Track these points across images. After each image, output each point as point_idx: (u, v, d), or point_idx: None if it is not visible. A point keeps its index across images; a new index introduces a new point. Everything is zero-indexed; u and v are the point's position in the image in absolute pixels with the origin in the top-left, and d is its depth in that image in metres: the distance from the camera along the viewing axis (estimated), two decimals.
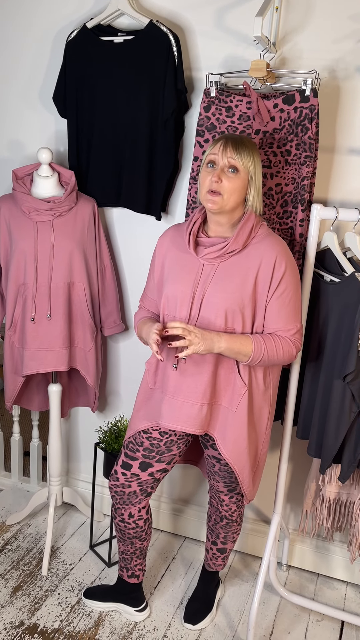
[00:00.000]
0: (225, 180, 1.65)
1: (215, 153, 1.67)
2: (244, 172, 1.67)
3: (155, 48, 1.99)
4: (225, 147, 1.65)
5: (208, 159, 1.69)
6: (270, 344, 1.68)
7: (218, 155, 1.66)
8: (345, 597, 2.30)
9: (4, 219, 2.15)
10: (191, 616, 2.12)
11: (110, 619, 2.12)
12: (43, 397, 2.47)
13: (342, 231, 2.02)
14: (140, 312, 1.93)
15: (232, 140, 1.66)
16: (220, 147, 1.66)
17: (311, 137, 1.84)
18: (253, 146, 1.70)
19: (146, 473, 1.88)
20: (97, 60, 2.08)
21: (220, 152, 1.66)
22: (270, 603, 2.24)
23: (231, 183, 1.65)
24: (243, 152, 1.66)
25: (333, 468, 1.99)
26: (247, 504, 2.39)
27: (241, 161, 1.65)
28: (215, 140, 1.69)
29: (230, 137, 1.68)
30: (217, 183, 1.64)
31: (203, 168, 1.70)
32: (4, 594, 2.19)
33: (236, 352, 1.66)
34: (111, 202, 2.24)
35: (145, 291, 1.93)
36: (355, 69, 1.91)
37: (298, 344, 1.74)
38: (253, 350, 1.66)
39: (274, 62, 1.97)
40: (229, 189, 1.65)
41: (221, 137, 1.70)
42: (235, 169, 1.66)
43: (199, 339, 1.62)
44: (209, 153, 1.69)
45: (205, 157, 1.70)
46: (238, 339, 1.67)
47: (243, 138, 1.70)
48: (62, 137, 2.32)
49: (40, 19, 2.23)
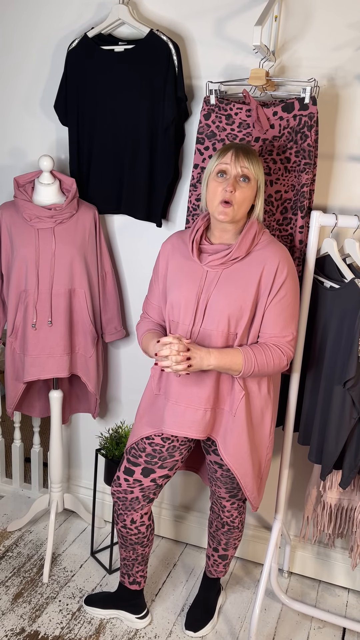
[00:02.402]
0: (238, 190, 1.66)
1: (226, 162, 1.66)
2: (254, 180, 1.68)
3: (155, 57, 2.01)
4: (237, 156, 1.65)
5: (218, 169, 1.67)
6: (261, 356, 1.68)
7: (230, 165, 1.66)
8: (347, 604, 2.30)
9: (6, 226, 2.16)
10: (192, 623, 2.11)
11: (112, 626, 2.11)
12: (44, 403, 2.47)
13: (342, 237, 2.03)
14: (143, 323, 1.91)
15: (242, 149, 1.66)
16: (231, 156, 1.65)
17: (310, 144, 1.85)
18: (256, 153, 1.71)
19: (148, 479, 1.88)
20: (97, 69, 2.10)
21: (232, 161, 1.65)
22: (272, 610, 2.24)
23: (243, 193, 1.66)
24: (253, 160, 1.67)
25: (334, 474, 1.99)
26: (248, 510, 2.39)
27: (253, 170, 1.66)
28: (223, 150, 1.68)
29: (239, 146, 1.68)
30: (231, 193, 1.65)
31: (212, 178, 1.69)
32: (5, 601, 2.18)
33: (226, 369, 1.66)
34: (112, 209, 2.26)
35: (149, 298, 1.92)
36: (354, 76, 1.92)
37: (290, 353, 1.73)
38: (243, 365, 1.66)
39: (273, 70, 1.98)
40: (240, 199, 1.66)
41: (229, 146, 1.69)
42: (247, 177, 1.66)
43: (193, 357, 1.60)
44: (219, 162, 1.67)
45: (214, 166, 1.68)
46: (228, 355, 1.66)
47: (248, 146, 1.70)
48: (63, 144, 2.34)
49: (41, 28, 2.25)
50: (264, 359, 1.68)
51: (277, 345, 1.71)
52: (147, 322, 1.91)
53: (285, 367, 1.74)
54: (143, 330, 1.88)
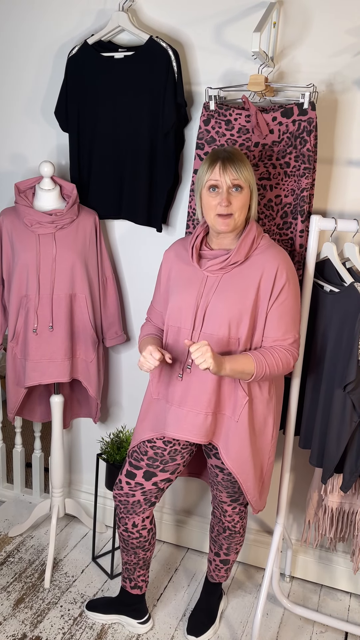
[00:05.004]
0: (233, 200, 1.67)
1: (216, 179, 1.67)
2: (246, 186, 1.70)
3: (155, 63, 2.02)
4: (224, 169, 1.66)
5: (209, 184, 1.69)
6: (270, 359, 1.69)
7: (220, 179, 1.67)
8: (349, 608, 2.29)
9: (7, 231, 2.17)
10: (194, 628, 2.11)
11: (113, 632, 2.11)
12: (45, 408, 2.48)
13: (342, 241, 2.04)
14: (146, 326, 1.95)
15: (229, 160, 1.67)
16: (219, 170, 1.67)
17: (310, 149, 1.86)
18: (243, 156, 1.72)
19: (150, 482, 1.89)
20: (98, 75, 2.11)
21: (221, 175, 1.67)
22: (274, 614, 2.23)
23: (238, 201, 1.68)
24: (241, 167, 1.68)
25: (335, 478, 1.99)
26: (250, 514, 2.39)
27: (243, 177, 1.68)
28: (210, 163, 1.68)
29: (225, 156, 1.68)
30: (227, 207, 1.67)
31: (205, 193, 1.70)
32: (7, 607, 2.18)
33: (240, 372, 1.67)
34: (112, 214, 2.27)
35: (152, 303, 1.96)
36: (352, 82, 1.93)
37: (295, 353, 1.75)
38: (255, 369, 1.67)
39: (272, 76, 2.00)
40: (238, 207, 1.69)
41: (214, 158, 1.69)
42: (239, 187, 1.68)
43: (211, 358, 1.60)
44: (208, 178, 1.68)
45: (204, 181, 1.70)
46: (240, 360, 1.67)
47: (234, 152, 1.70)
48: (63, 150, 2.35)
49: (42, 35, 2.27)
50: (272, 360, 1.69)
51: (281, 347, 1.73)
52: (149, 325, 1.94)
53: (292, 367, 1.76)
54: (145, 332, 1.92)
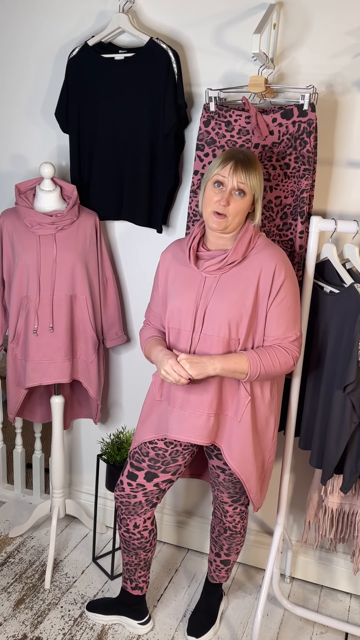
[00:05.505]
0: (232, 203, 1.67)
1: (224, 175, 1.67)
2: (250, 194, 1.69)
3: (155, 64, 2.03)
4: (235, 170, 1.65)
5: (215, 179, 1.68)
6: (266, 358, 1.69)
7: (227, 178, 1.66)
8: (349, 609, 2.29)
9: (7, 232, 2.18)
10: (194, 629, 2.11)
11: (114, 632, 2.11)
12: (45, 409, 2.48)
13: (341, 243, 2.04)
14: (146, 329, 1.93)
15: (242, 163, 1.66)
16: (230, 169, 1.66)
17: (310, 150, 1.87)
18: (258, 163, 1.71)
19: (152, 483, 1.89)
20: (98, 76, 2.12)
21: (230, 174, 1.66)
22: (274, 615, 2.23)
23: (237, 206, 1.68)
24: (251, 173, 1.67)
25: (335, 479, 2.00)
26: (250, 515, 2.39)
27: (250, 184, 1.67)
28: (224, 160, 1.68)
29: (240, 158, 1.67)
30: (224, 207, 1.66)
31: (209, 187, 1.70)
32: (7, 607, 2.18)
33: (232, 371, 1.67)
34: (113, 215, 2.27)
35: (150, 306, 1.94)
36: (352, 83, 1.94)
37: (296, 352, 1.74)
38: (249, 367, 1.67)
39: (272, 77, 2.00)
40: (234, 212, 1.68)
41: (229, 156, 1.68)
42: (242, 192, 1.67)
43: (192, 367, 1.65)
44: (217, 173, 1.68)
45: (211, 175, 1.69)
46: (232, 358, 1.67)
47: (250, 157, 1.69)
48: (64, 151, 2.35)
49: (43, 36, 2.27)
50: (269, 359, 1.69)
51: (281, 346, 1.72)
52: (149, 328, 1.92)
53: (293, 366, 1.75)
54: (146, 336, 1.89)
